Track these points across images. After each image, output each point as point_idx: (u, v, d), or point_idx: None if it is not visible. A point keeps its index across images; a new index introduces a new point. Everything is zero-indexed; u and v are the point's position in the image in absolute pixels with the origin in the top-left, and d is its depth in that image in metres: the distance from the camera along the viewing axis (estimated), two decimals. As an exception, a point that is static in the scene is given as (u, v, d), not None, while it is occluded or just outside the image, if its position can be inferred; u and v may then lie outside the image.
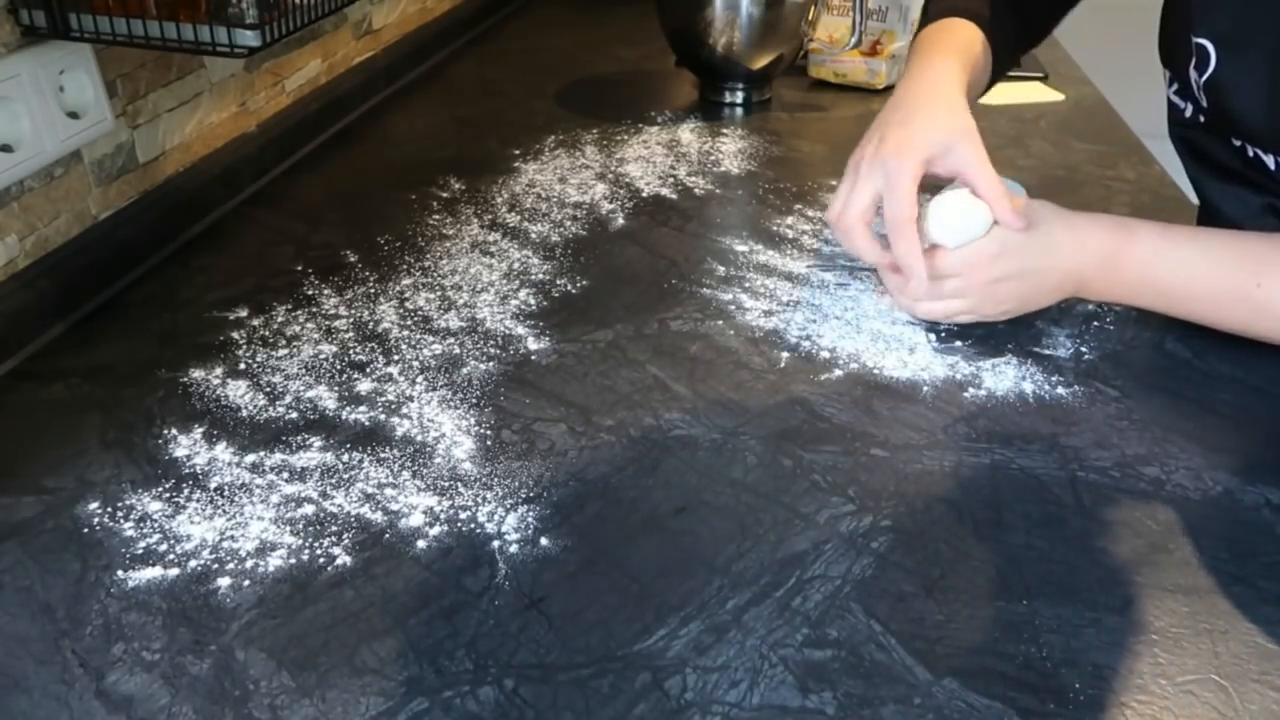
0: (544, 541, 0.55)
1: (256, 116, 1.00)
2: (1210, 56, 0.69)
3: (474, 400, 0.66)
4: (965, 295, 0.70)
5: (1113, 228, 0.70)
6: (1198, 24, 0.69)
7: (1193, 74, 0.72)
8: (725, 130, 1.12)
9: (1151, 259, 0.69)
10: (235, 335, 0.73)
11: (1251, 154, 0.70)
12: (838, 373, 0.70)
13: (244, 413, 0.64)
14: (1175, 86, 0.77)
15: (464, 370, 0.69)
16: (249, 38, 0.69)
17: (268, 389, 0.67)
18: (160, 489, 0.58)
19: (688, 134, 1.11)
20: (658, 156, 1.05)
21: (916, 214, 0.67)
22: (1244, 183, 0.73)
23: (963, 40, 0.80)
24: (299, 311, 0.76)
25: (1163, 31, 0.79)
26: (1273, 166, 0.69)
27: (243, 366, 0.69)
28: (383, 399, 0.66)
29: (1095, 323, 0.75)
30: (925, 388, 0.68)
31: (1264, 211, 0.72)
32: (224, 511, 0.56)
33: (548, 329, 0.74)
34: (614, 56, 1.39)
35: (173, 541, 0.54)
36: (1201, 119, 0.74)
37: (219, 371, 0.69)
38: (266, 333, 0.73)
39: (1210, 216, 0.78)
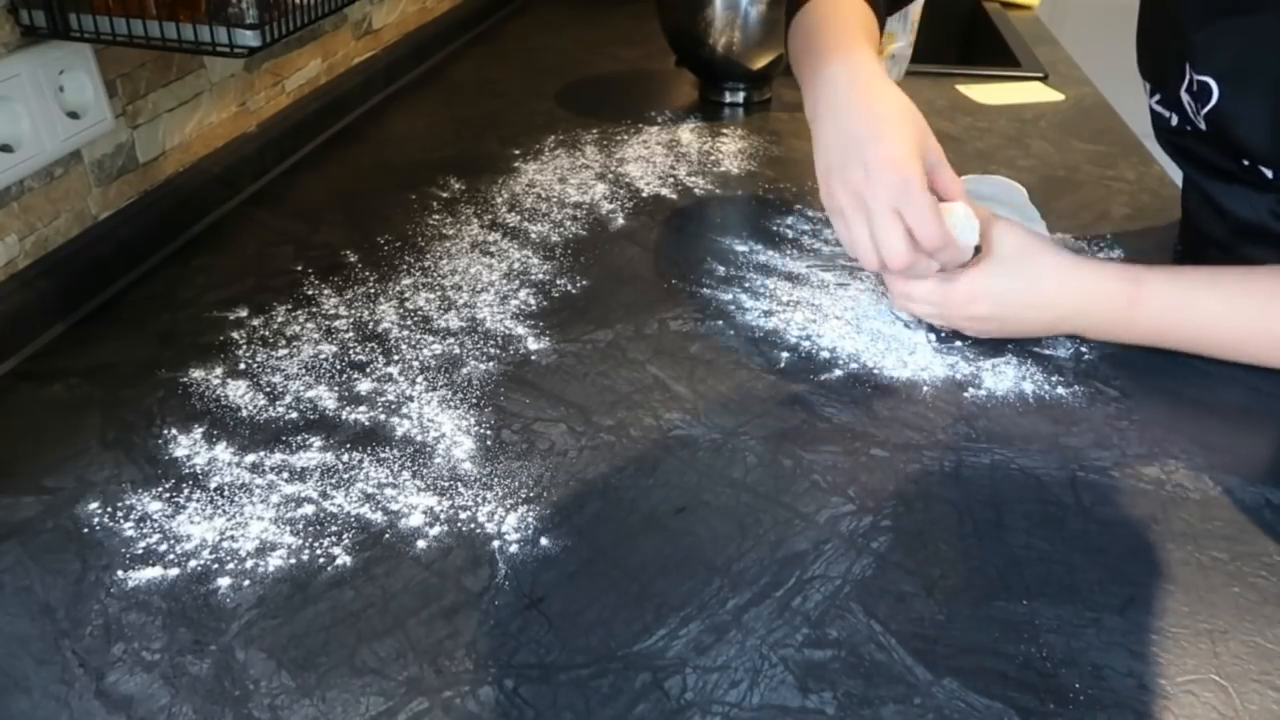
0: (544, 541, 0.55)
1: (256, 116, 1.00)
2: (1213, 92, 0.69)
3: (474, 400, 0.66)
4: (938, 308, 0.70)
5: (1120, 282, 0.68)
6: (1201, 62, 0.69)
7: (1186, 98, 0.72)
8: (725, 130, 1.12)
9: (1165, 311, 0.68)
10: (235, 335, 0.73)
11: (1247, 161, 0.70)
12: (838, 373, 0.70)
13: (244, 413, 0.64)
14: (1157, 97, 0.77)
15: (464, 370, 0.69)
16: (249, 38, 0.69)
17: (268, 389, 0.67)
18: (160, 489, 0.58)
19: (688, 134, 1.11)
20: (658, 156, 1.05)
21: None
22: (1244, 183, 0.73)
23: (858, 19, 0.76)
24: (299, 311, 0.76)
25: (1142, 46, 0.79)
26: (1270, 176, 0.69)
27: (243, 366, 0.69)
28: (383, 399, 0.66)
29: (1095, 323, 0.75)
30: (925, 388, 0.68)
31: (1276, 204, 0.72)
32: (224, 511, 0.56)
33: (548, 329, 0.74)
34: (614, 56, 1.39)
35: (173, 541, 0.54)
36: (1188, 128, 0.74)
37: (219, 371, 0.69)
38: (266, 333, 0.73)
39: (1216, 214, 0.77)
